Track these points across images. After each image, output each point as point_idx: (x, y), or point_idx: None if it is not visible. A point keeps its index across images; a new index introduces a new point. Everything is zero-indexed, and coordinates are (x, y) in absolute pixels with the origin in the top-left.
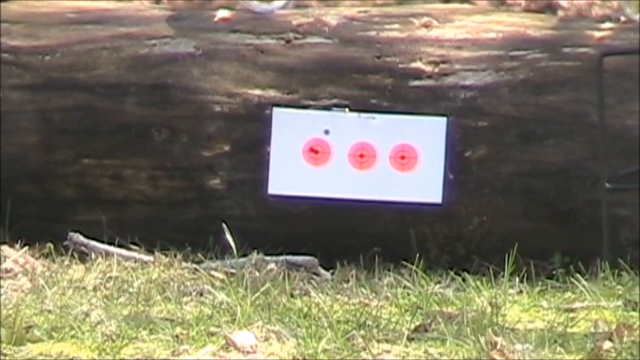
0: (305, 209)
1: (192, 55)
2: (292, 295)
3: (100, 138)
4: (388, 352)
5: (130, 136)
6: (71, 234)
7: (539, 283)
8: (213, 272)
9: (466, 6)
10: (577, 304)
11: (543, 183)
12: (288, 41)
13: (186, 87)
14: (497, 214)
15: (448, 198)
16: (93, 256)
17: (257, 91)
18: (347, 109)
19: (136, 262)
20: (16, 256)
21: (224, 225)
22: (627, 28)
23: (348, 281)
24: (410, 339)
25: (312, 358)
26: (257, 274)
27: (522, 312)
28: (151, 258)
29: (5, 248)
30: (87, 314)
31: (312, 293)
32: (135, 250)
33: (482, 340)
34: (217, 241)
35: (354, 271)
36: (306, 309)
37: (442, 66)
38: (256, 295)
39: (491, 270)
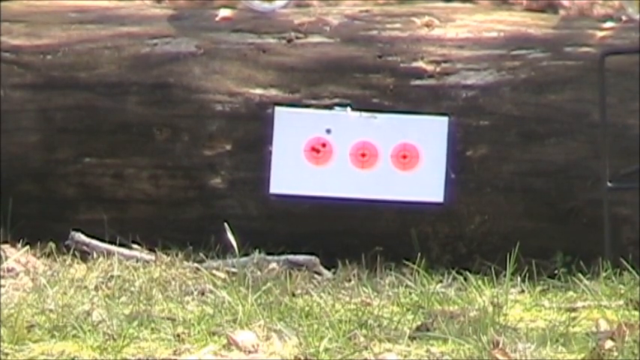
0: (306, 208)
1: (194, 54)
2: (294, 295)
3: (101, 137)
4: (390, 351)
5: (131, 136)
6: (72, 233)
7: (541, 283)
8: (214, 271)
9: (467, 5)
10: (579, 304)
11: (544, 182)
12: (289, 40)
13: (187, 86)
14: (498, 214)
15: (449, 197)
16: (94, 255)
17: (258, 91)
18: (349, 109)
19: (137, 261)
20: (17, 255)
21: (225, 224)
22: (629, 28)
23: (349, 280)
24: (412, 338)
25: (314, 358)
26: (258, 273)
27: (524, 311)
28: (152, 257)
29: (6, 247)
30: (88, 313)
31: (314, 292)
32: (136, 250)
33: (483, 339)
34: (219, 241)
35: (355, 271)
36: (307, 308)
37: (444, 65)
38: (258, 294)
39: (492, 269)
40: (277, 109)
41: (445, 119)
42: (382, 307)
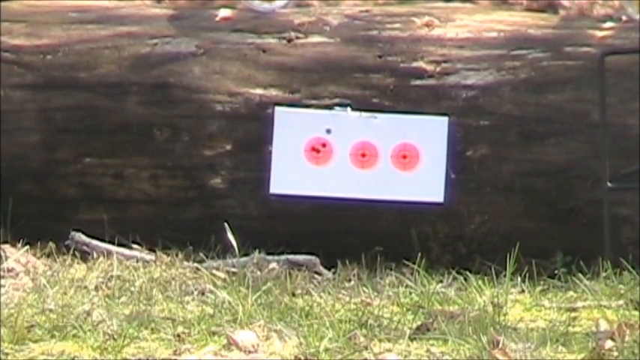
0: (306, 208)
1: (194, 54)
2: (294, 295)
3: (101, 137)
4: (390, 351)
5: (131, 136)
6: (73, 233)
7: (541, 283)
8: (214, 271)
9: (468, 5)
10: (579, 304)
11: (544, 182)
12: (289, 40)
13: (187, 86)
14: (498, 214)
15: (449, 197)
16: (94, 255)
17: (258, 91)
18: (349, 109)
19: (137, 261)
20: (17, 255)
21: (225, 224)
22: (629, 28)
23: (349, 280)
24: (412, 338)
25: (314, 358)
26: (258, 273)
27: (524, 311)
28: (152, 257)
29: (7, 247)
30: (88, 313)
31: (314, 292)
32: (136, 250)
33: (484, 339)
34: (219, 241)
35: (355, 271)
36: (307, 308)
37: (444, 65)
38: (258, 294)
39: (492, 269)
40: (277, 109)
41: (445, 119)
42: (382, 307)
